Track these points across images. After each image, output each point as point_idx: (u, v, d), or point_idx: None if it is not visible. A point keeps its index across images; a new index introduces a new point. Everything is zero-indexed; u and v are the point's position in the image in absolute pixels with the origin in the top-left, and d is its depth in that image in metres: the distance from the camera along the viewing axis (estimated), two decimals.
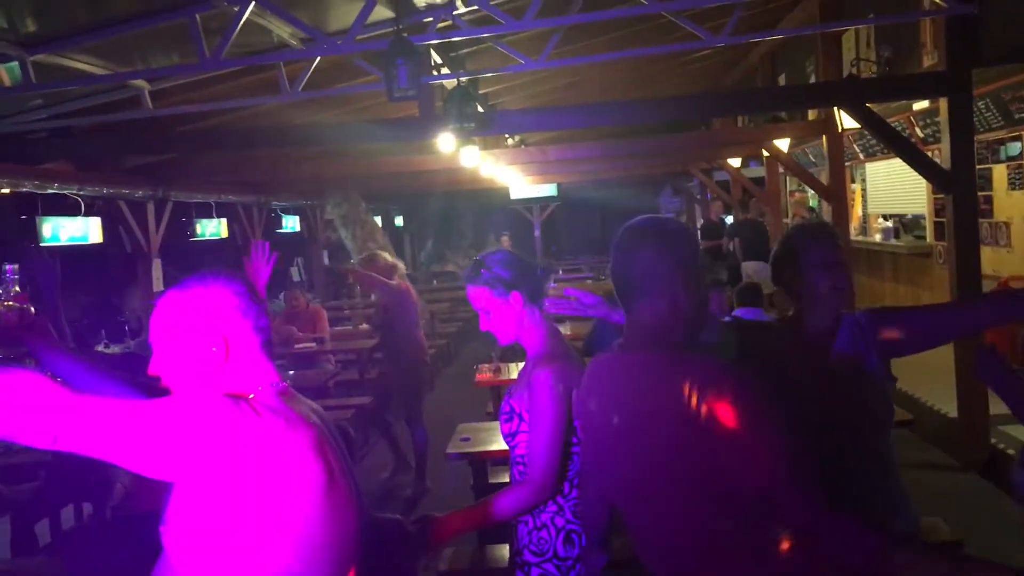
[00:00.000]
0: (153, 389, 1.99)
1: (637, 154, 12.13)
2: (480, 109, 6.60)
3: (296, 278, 13.60)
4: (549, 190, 16.96)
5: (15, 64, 4.76)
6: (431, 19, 5.47)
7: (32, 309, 2.04)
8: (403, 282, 6.57)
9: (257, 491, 1.54)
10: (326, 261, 15.51)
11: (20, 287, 2.03)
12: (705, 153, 12.85)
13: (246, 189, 11.58)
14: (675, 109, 7.04)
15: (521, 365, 2.71)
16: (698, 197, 17.73)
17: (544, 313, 2.61)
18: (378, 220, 16.04)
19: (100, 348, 8.47)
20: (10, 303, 1.99)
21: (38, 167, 6.90)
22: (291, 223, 14.32)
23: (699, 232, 17.12)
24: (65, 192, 7.35)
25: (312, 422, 1.67)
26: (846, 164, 9.61)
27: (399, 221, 21.44)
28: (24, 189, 6.86)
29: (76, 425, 1.40)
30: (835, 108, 8.31)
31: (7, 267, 2.00)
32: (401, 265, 6.88)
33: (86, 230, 7.94)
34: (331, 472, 1.64)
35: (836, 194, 8.67)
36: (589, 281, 13.03)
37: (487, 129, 6.28)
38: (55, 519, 5.40)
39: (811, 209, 11.74)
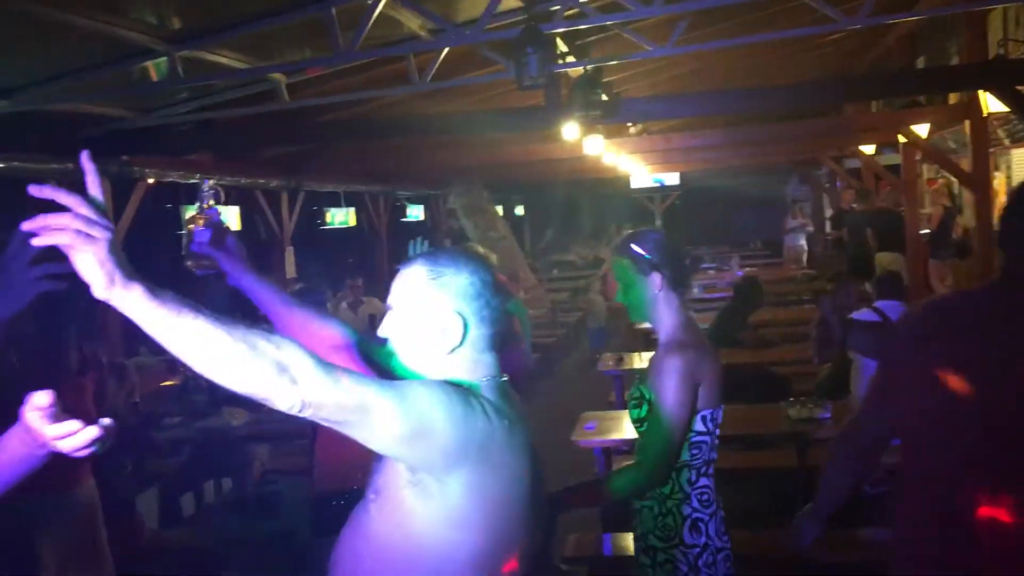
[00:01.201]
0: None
1: (763, 141, 11.82)
2: (604, 97, 6.57)
3: None
4: (671, 179, 16.74)
5: (163, 60, 5.00)
6: (558, 7, 5.47)
7: (227, 226, 2.05)
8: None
9: (476, 491, 1.56)
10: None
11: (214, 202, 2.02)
12: (836, 140, 12.40)
13: (373, 179, 11.88)
14: (806, 94, 6.85)
15: (645, 355, 2.71)
16: (827, 185, 17.15)
17: (684, 303, 2.60)
18: (499, 209, 16.17)
19: None
20: (204, 218, 2.00)
21: (182, 158, 7.27)
22: (415, 212, 14.62)
23: (828, 222, 16.62)
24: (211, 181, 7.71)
25: (526, 423, 1.68)
26: (990, 150, 9.11)
27: (519, 211, 21.55)
28: (169, 179, 7.24)
29: (332, 396, 1.42)
30: (980, 91, 7.89)
31: (205, 182, 2.02)
32: (493, 256, 6.93)
33: (224, 219, 8.29)
34: (537, 482, 1.66)
35: (979, 182, 8.23)
36: (712, 272, 12.81)
37: (613, 117, 6.25)
38: (198, 492, 5.70)
39: (953, 198, 11.19)
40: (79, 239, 1.24)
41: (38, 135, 5.81)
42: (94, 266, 1.24)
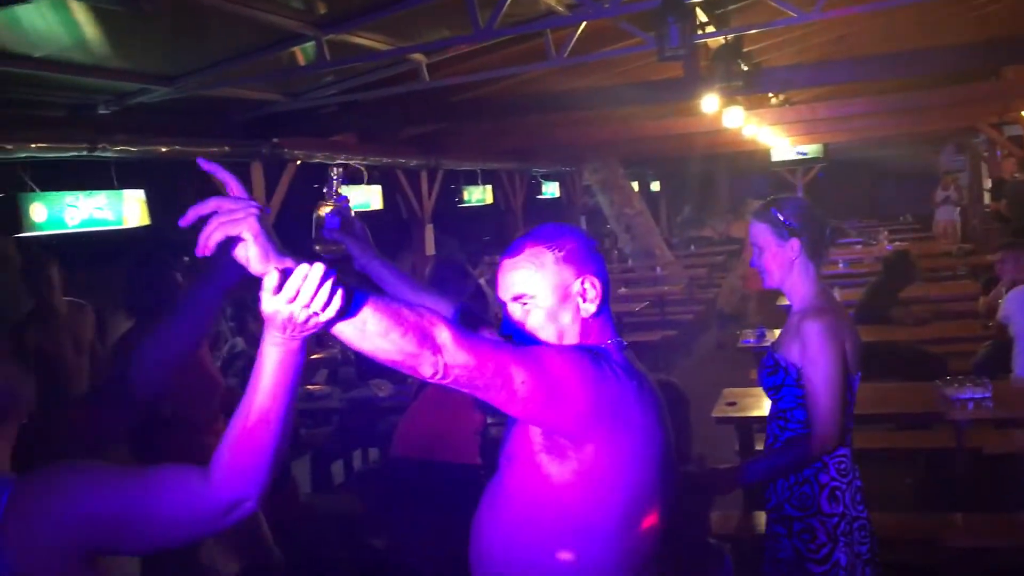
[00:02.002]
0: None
1: (916, 108, 11.23)
2: (745, 68, 6.39)
3: None
4: (814, 151, 16.10)
5: (311, 44, 5.18)
6: None
7: (353, 213, 2.09)
8: None
9: (611, 450, 1.58)
10: (583, 226, 15.77)
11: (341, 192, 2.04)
12: (995, 106, 11.67)
13: (509, 156, 11.96)
14: (964, 57, 6.46)
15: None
16: (985, 154, 16.15)
17: (820, 272, 2.57)
18: (635, 185, 16.01)
19: None
20: (333, 204, 2.04)
21: (328, 139, 7.52)
22: (550, 189, 14.67)
23: (987, 194, 15.66)
24: (351, 162, 7.96)
25: (654, 387, 1.69)
26: None
27: (655, 186, 21.29)
28: (315, 160, 7.49)
29: (471, 362, 1.46)
30: None
31: (334, 169, 2.06)
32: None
33: (368, 197, 8.58)
34: (668, 439, 1.67)
35: None
36: (859, 247, 12.30)
37: (754, 88, 6.09)
38: (347, 460, 5.94)
39: None
40: (230, 223, 1.30)
41: (197, 119, 6.13)
42: (249, 242, 1.31)
